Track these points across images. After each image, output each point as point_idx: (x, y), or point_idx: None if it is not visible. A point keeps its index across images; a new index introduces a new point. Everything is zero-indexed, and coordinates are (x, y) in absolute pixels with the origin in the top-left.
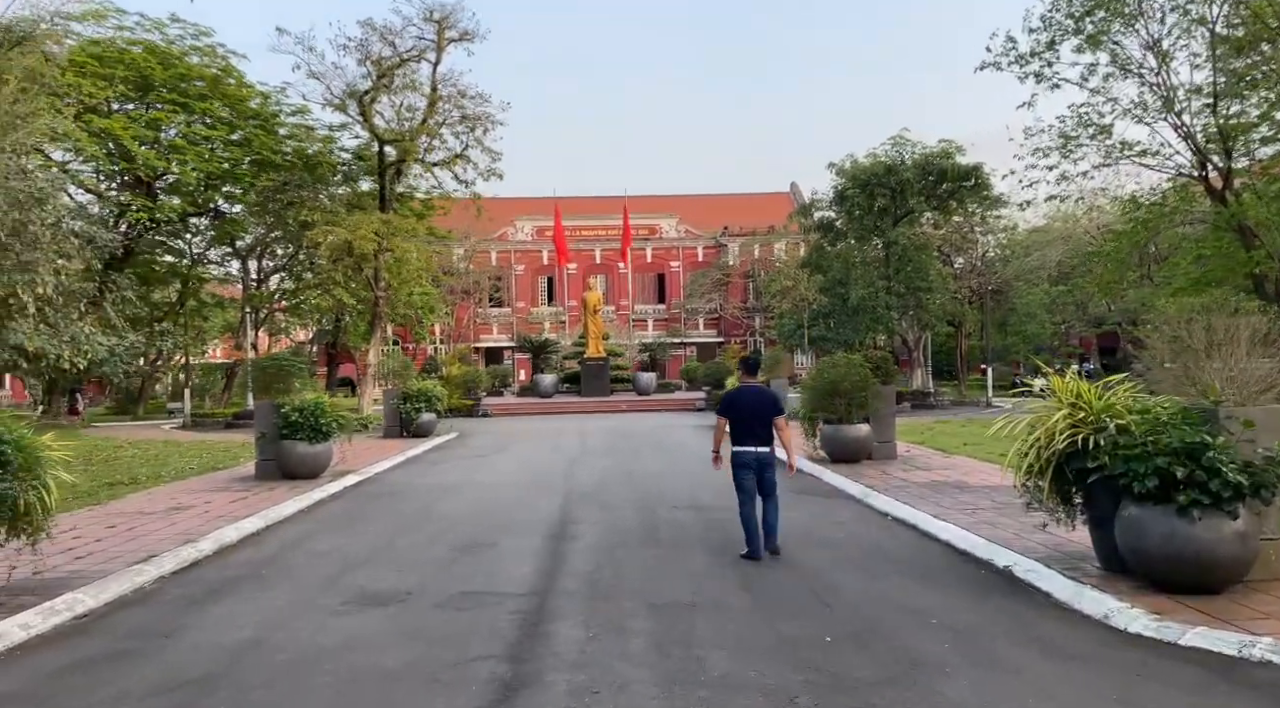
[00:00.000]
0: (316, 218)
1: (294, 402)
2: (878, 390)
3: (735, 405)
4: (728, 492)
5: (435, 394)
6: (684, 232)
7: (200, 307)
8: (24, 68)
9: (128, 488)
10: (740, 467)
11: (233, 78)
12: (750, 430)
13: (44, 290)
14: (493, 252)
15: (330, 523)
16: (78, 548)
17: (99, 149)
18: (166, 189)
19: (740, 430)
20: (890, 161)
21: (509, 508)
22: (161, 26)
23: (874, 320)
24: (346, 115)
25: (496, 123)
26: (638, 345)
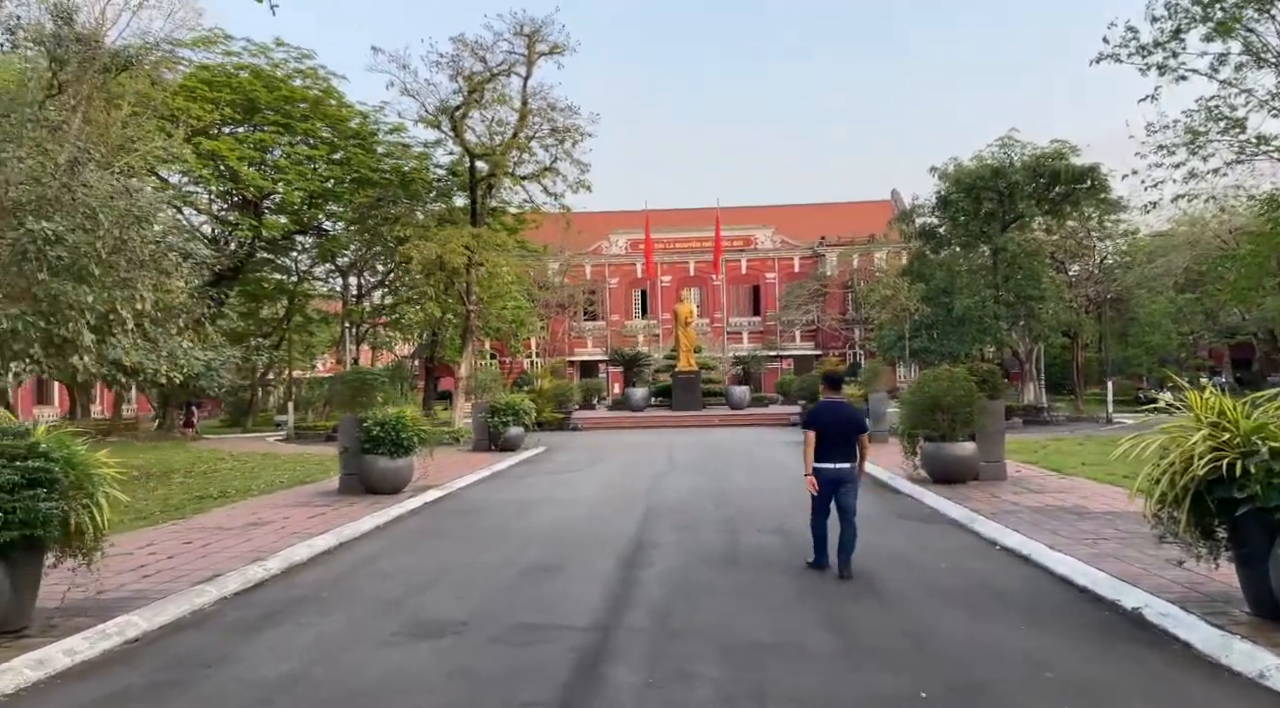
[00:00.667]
0: (409, 233)
1: (375, 415)
2: (984, 405)
3: (820, 420)
4: None
5: (523, 408)
6: (779, 242)
7: (306, 322)
8: (135, 92)
9: (215, 502)
10: (821, 482)
11: (333, 99)
12: (833, 446)
13: (143, 306)
14: (587, 265)
15: (402, 541)
16: (149, 565)
17: (208, 171)
18: (273, 208)
19: (823, 446)
20: (997, 164)
21: (585, 528)
22: (266, 51)
23: (981, 331)
24: (439, 131)
25: (585, 135)
26: (731, 358)
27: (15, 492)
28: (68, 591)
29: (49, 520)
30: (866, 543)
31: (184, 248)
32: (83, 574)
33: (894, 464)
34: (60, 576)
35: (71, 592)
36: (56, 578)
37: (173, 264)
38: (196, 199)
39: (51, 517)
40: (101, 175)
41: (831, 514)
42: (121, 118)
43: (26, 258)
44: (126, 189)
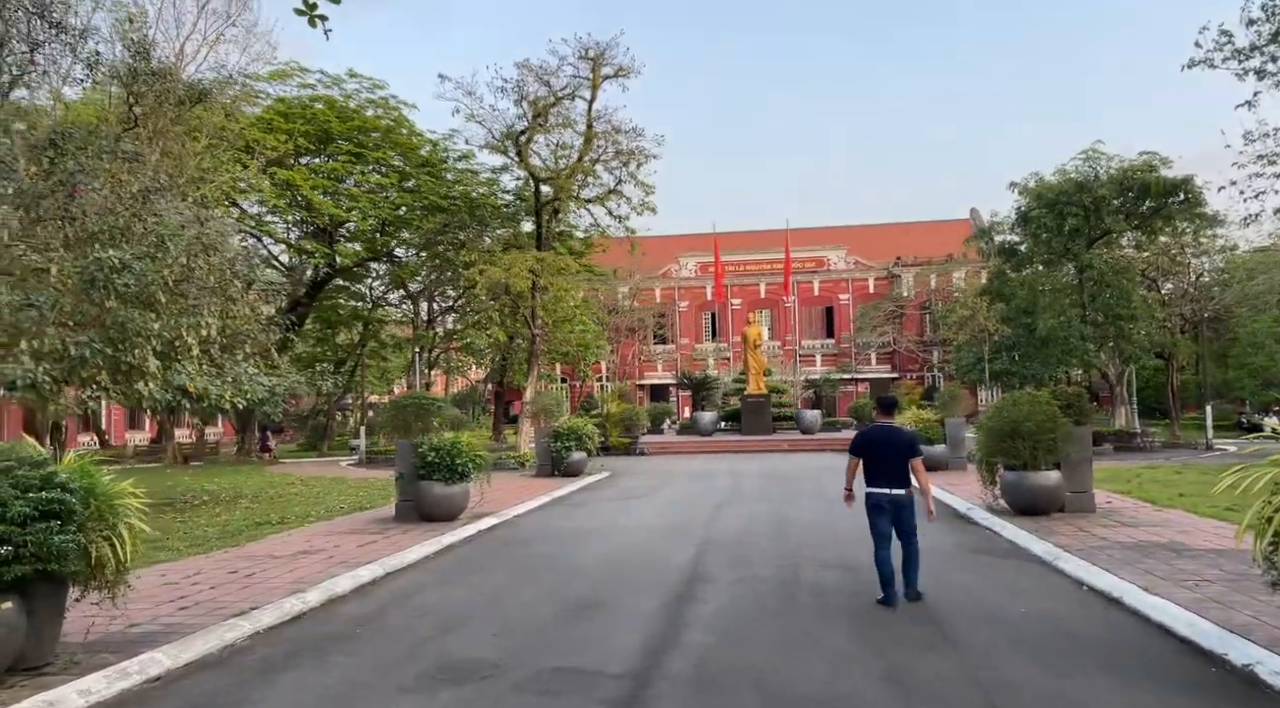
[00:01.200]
0: (474, 258)
1: (430, 441)
2: (1069, 431)
3: (867, 445)
4: None
5: (585, 433)
6: (853, 263)
7: (380, 348)
8: (213, 125)
9: (272, 528)
10: (873, 508)
11: (404, 128)
12: (884, 471)
13: (208, 333)
14: (656, 289)
15: (448, 573)
16: (190, 596)
17: (282, 201)
18: (347, 236)
19: (873, 471)
20: (1082, 178)
21: (637, 560)
22: (340, 82)
23: (1066, 353)
24: (505, 157)
25: (649, 157)
26: (802, 381)
27: (28, 525)
28: (92, 625)
29: (65, 554)
30: (937, 582)
31: (249, 275)
32: (117, 607)
33: (972, 494)
34: (91, 609)
35: (102, 625)
36: (89, 611)
37: (238, 291)
38: (273, 228)
39: (67, 551)
40: (172, 205)
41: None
42: (196, 149)
43: (95, 285)
44: (197, 218)
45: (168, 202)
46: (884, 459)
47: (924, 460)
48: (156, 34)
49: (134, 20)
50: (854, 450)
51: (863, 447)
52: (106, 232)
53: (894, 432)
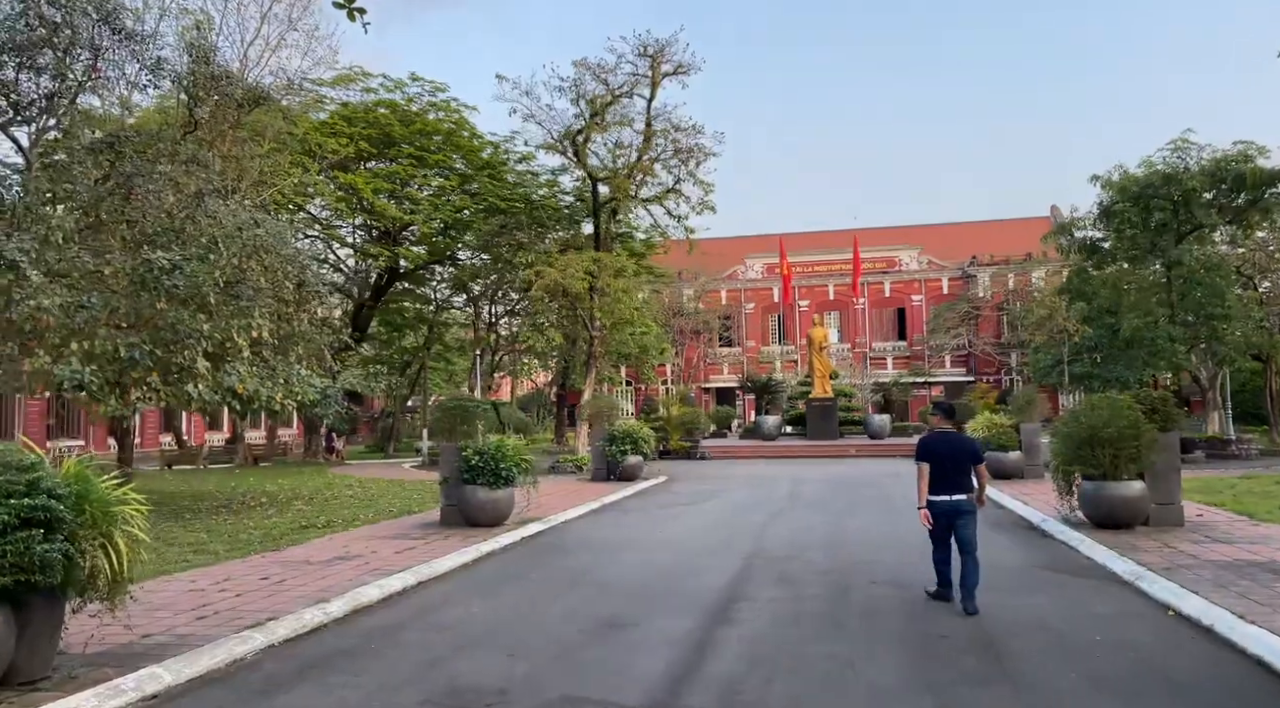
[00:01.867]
0: (531, 259)
1: (475, 445)
2: (1154, 438)
3: (932, 451)
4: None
5: (641, 436)
6: (926, 263)
7: (445, 350)
8: (275, 128)
9: (316, 532)
10: (934, 517)
11: (466, 131)
12: (947, 478)
13: (259, 334)
14: (722, 291)
15: (479, 584)
16: (213, 604)
17: (345, 205)
18: (412, 240)
19: (936, 478)
20: (1170, 169)
21: (677, 574)
22: (402, 86)
23: (1153, 354)
24: (564, 157)
25: (709, 154)
26: (870, 385)
27: (7, 533)
28: (100, 636)
29: (49, 565)
30: (1001, 603)
31: (299, 276)
32: (116, 619)
33: (1048, 505)
34: (106, 618)
35: (114, 637)
36: (105, 620)
37: (290, 293)
38: (339, 232)
39: (52, 561)
40: (228, 206)
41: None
42: (256, 152)
43: (145, 287)
44: (254, 220)
45: (223, 203)
46: (949, 466)
47: (997, 469)
48: (220, 40)
49: (201, 27)
50: (922, 457)
51: (930, 453)
52: (161, 233)
53: (957, 438)
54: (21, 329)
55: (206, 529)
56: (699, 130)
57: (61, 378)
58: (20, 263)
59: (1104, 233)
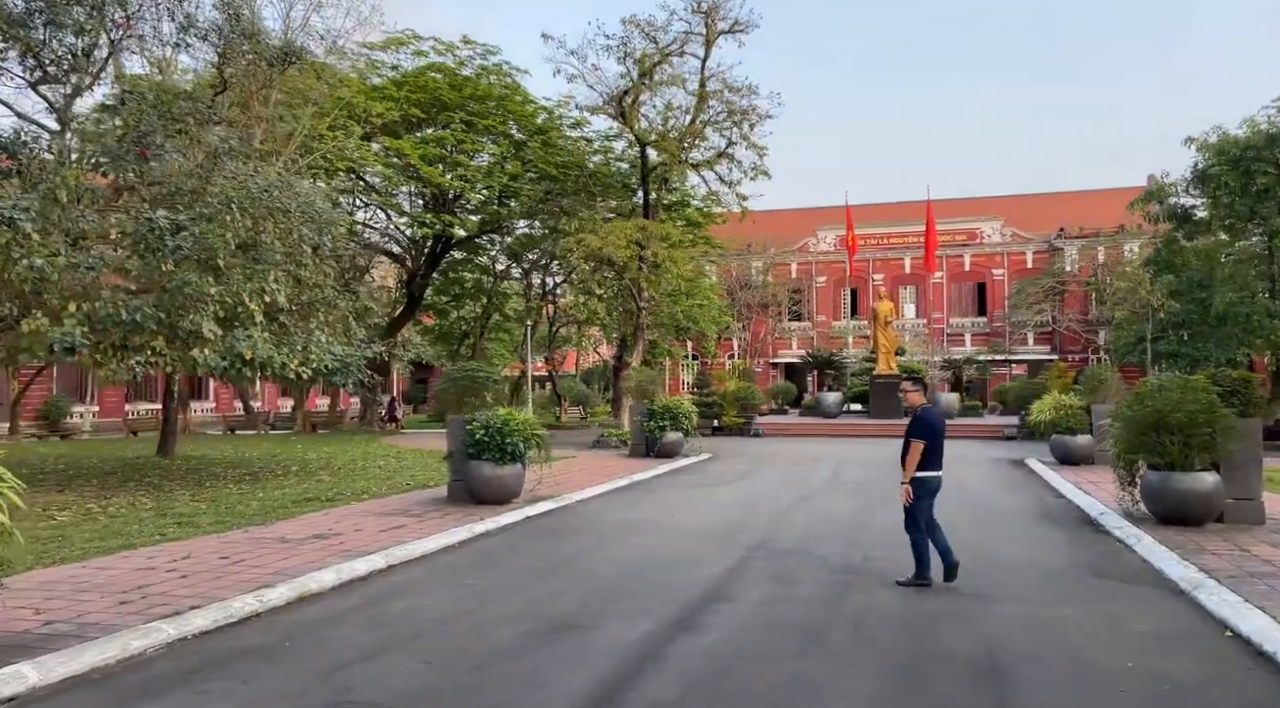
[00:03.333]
0: (575, 226)
1: (480, 418)
2: (1230, 425)
3: (937, 429)
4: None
5: (682, 412)
6: (1010, 235)
7: (506, 320)
8: (319, 92)
9: (317, 505)
10: (931, 494)
11: (518, 96)
12: (939, 453)
13: (272, 298)
14: (793, 263)
15: (449, 570)
16: (150, 586)
17: (392, 171)
18: (468, 208)
19: (934, 454)
20: (1275, 130)
21: (668, 564)
22: (453, 49)
23: (1248, 332)
24: (612, 119)
25: (765, 116)
26: (939, 362)
27: None
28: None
29: None
30: (1025, 618)
31: (314, 239)
32: (53, 600)
33: (1111, 496)
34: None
35: (13, 621)
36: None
37: (306, 256)
38: (395, 200)
39: None
40: (247, 167)
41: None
42: (293, 114)
43: (149, 247)
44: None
45: (243, 163)
46: (939, 442)
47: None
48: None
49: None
50: (929, 436)
51: (933, 431)
52: (175, 194)
53: (941, 414)
54: (21, 290)
55: (212, 498)
56: (753, 90)
57: (51, 340)
58: (19, 220)
59: (1198, 200)
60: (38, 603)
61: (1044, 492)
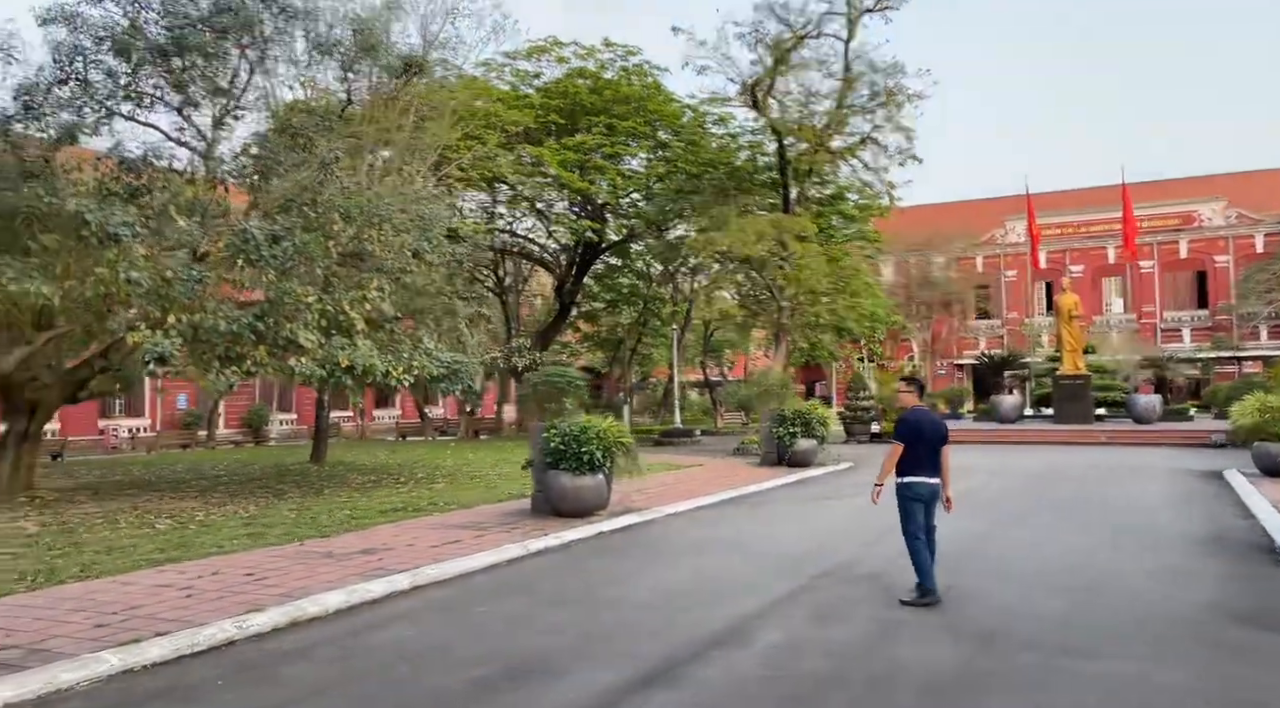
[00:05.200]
0: (706, 225)
1: (558, 425)
2: None
3: (919, 431)
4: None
5: (816, 417)
6: (1234, 217)
7: (662, 325)
8: (457, 102)
9: (397, 516)
10: (915, 500)
11: (660, 95)
12: (926, 459)
13: (373, 306)
14: (978, 257)
15: (468, 595)
16: (143, 607)
17: (532, 179)
18: (619, 213)
19: (916, 459)
20: None
21: (707, 594)
22: (594, 53)
23: None
24: (748, 109)
25: (914, 97)
26: (1137, 360)
27: None
28: None
29: None
30: (1121, 678)
31: (417, 245)
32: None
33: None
34: None
35: None
36: None
37: (409, 262)
38: (551, 209)
39: None
40: (360, 176)
41: None
42: (421, 123)
43: (247, 259)
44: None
45: (352, 174)
46: (930, 447)
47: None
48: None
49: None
50: (902, 437)
51: (912, 433)
52: (290, 204)
53: (935, 417)
54: (127, 303)
55: (302, 508)
56: (900, 69)
57: (145, 350)
58: (122, 235)
59: None
60: (14, 623)
61: (1229, 511)
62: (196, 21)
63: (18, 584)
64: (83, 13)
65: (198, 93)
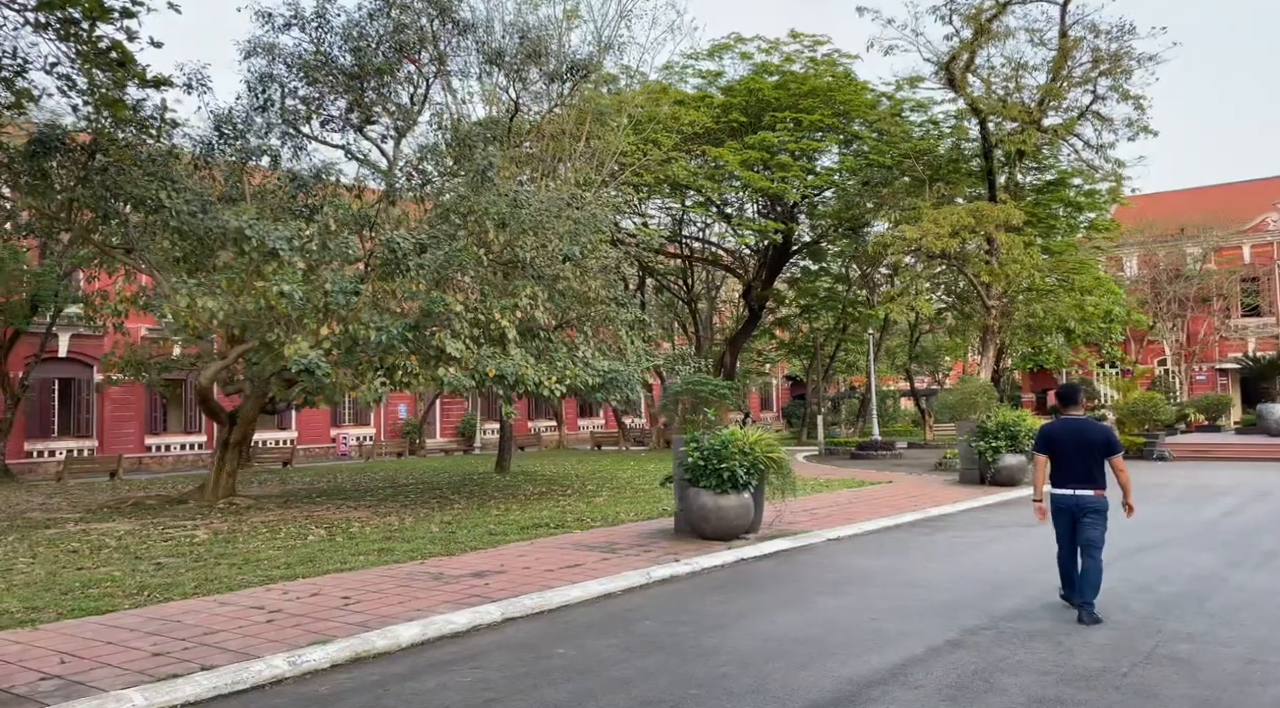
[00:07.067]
0: (896, 217)
1: (700, 438)
2: None
3: (1052, 441)
4: None
5: (1025, 429)
6: None
7: (860, 331)
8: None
9: (533, 533)
10: (1056, 512)
11: (851, 84)
12: (1069, 470)
13: (527, 314)
14: (1244, 246)
15: (555, 632)
16: (218, 634)
17: (710, 181)
18: (819, 213)
19: (1058, 470)
20: None
21: (828, 645)
22: (778, 45)
23: None
24: (945, 89)
25: (1143, 59)
26: None
27: None
28: None
29: None
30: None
31: (568, 250)
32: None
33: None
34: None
35: None
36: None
37: (570, 271)
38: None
39: None
40: (507, 185)
41: None
42: (597, 128)
43: (399, 269)
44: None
45: (508, 181)
46: (1073, 457)
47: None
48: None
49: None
50: (1038, 448)
51: (1048, 444)
52: (449, 213)
53: (1085, 425)
54: (286, 315)
55: (454, 521)
56: (1129, 30)
57: (291, 361)
58: (281, 250)
59: None
60: (83, 647)
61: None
62: (377, 41)
63: (124, 601)
64: (279, 43)
65: (379, 112)
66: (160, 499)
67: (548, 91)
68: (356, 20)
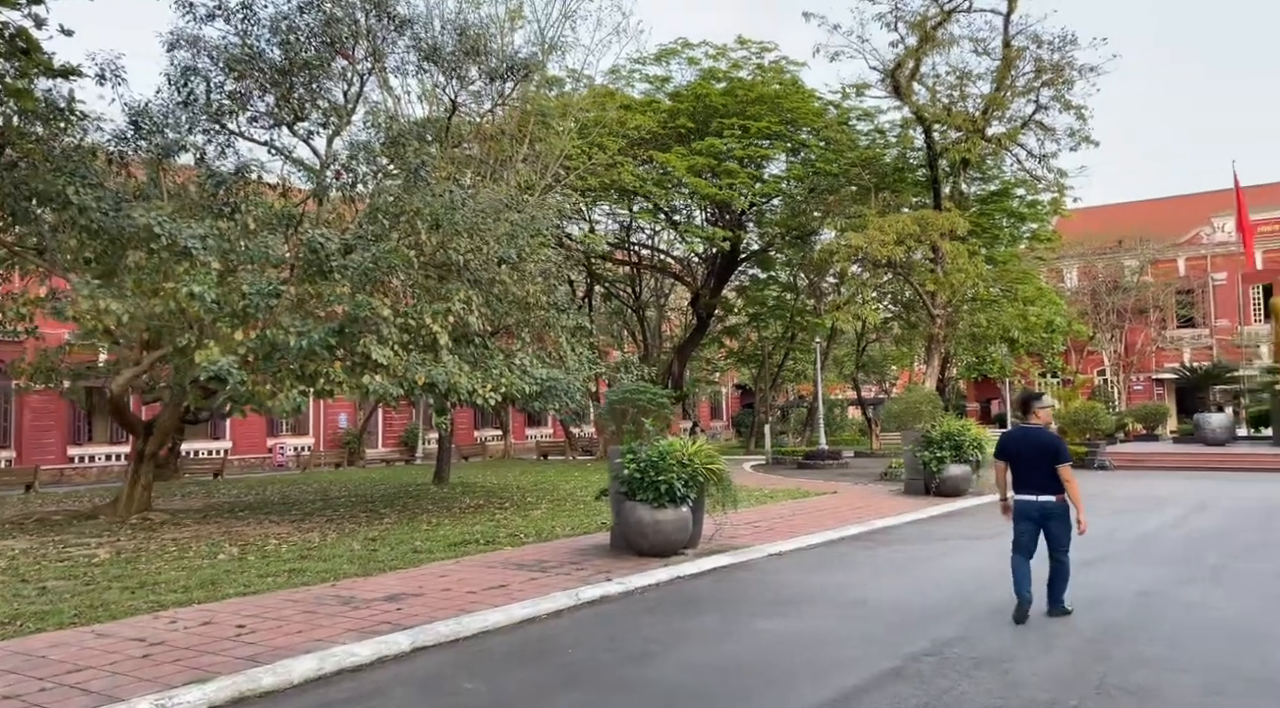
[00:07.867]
0: (841, 226)
1: (634, 449)
2: None
3: (1006, 450)
4: None
5: (969, 439)
6: None
7: (808, 340)
8: (578, 108)
9: (466, 549)
10: (1019, 516)
11: (797, 92)
12: (1027, 477)
13: (456, 320)
14: (1179, 259)
15: (467, 662)
16: (87, 670)
17: (659, 187)
18: (757, 220)
19: (1018, 476)
20: None
21: (749, 682)
22: (725, 52)
23: None
24: (890, 97)
25: (1082, 70)
26: None
27: None
28: None
29: None
30: None
31: (503, 254)
32: None
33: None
34: None
35: None
36: None
37: (499, 272)
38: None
39: None
40: (435, 185)
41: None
42: (540, 131)
43: (322, 271)
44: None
45: (442, 181)
46: (1027, 464)
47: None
48: (513, 25)
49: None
50: (997, 455)
51: (1003, 452)
52: (376, 213)
53: (1036, 434)
54: (200, 319)
55: (378, 536)
56: (1069, 41)
57: (201, 369)
58: (194, 250)
59: None
60: None
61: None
62: (308, 35)
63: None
64: (204, 35)
65: (309, 108)
66: (69, 514)
67: (489, 90)
68: (285, 13)
